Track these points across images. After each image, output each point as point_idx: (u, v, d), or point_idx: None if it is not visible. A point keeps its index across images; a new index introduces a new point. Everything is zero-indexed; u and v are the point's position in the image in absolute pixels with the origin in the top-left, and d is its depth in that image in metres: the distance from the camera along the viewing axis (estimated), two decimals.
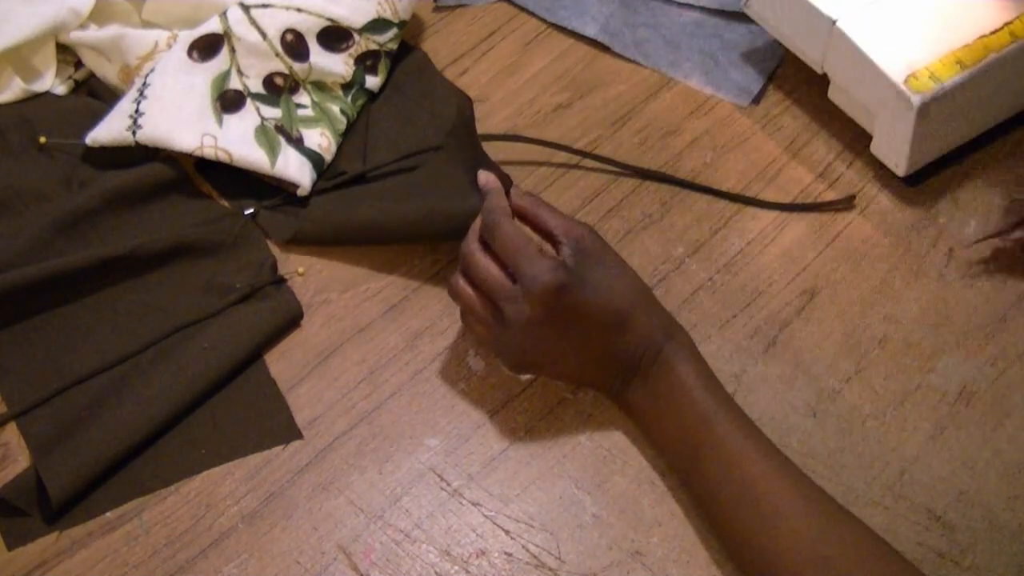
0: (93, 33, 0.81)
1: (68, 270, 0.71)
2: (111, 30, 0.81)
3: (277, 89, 0.80)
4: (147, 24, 0.83)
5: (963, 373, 0.70)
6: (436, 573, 0.63)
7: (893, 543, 0.58)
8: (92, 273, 0.72)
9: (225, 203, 0.78)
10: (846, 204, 0.78)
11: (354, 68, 0.81)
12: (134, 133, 0.75)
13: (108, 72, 0.82)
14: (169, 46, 0.80)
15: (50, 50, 0.82)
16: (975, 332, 0.71)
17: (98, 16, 0.82)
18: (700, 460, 0.61)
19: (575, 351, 0.64)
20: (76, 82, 0.83)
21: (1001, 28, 0.75)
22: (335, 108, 0.81)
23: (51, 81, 0.82)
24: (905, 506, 0.64)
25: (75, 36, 0.81)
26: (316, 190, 0.78)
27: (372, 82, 0.83)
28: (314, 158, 0.78)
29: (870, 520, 0.60)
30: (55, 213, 0.74)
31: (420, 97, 0.84)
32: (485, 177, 0.68)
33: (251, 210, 0.76)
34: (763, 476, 0.59)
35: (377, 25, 0.81)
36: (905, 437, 0.67)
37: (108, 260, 0.72)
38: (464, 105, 0.75)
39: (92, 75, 0.83)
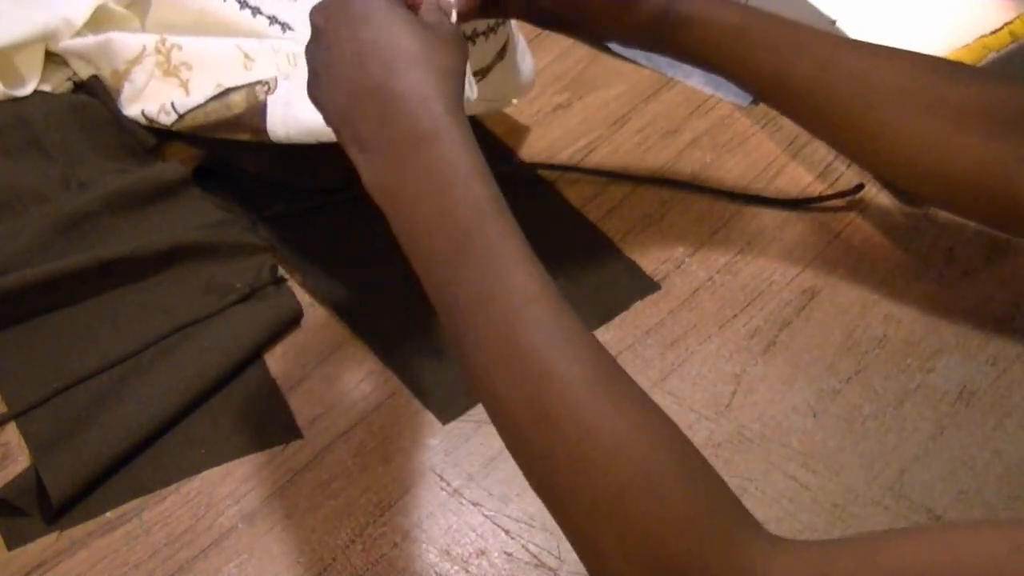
0: (80, 41, 0.79)
1: (68, 272, 0.71)
2: (99, 36, 0.79)
3: None
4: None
5: (963, 373, 0.70)
6: (436, 573, 0.62)
7: None
8: (92, 275, 0.72)
9: (225, 208, 0.78)
10: (853, 192, 0.78)
11: None
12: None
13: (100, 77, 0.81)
14: (157, 50, 0.79)
15: (37, 57, 0.80)
16: (975, 332, 0.71)
17: (97, 25, 0.81)
18: (462, 264, 0.49)
19: (342, 69, 0.53)
20: (76, 83, 0.83)
21: (1001, 28, 0.76)
22: None
23: (32, 88, 0.80)
24: (905, 506, 0.64)
25: (64, 46, 0.79)
26: (317, 203, 0.77)
27: None
28: None
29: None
30: (55, 215, 0.74)
31: None
32: None
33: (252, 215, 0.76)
34: (535, 315, 0.47)
35: None
36: (905, 437, 0.67)
37: (108, 262, 0.72)
38: None
39: (92, 75, 0.82)
